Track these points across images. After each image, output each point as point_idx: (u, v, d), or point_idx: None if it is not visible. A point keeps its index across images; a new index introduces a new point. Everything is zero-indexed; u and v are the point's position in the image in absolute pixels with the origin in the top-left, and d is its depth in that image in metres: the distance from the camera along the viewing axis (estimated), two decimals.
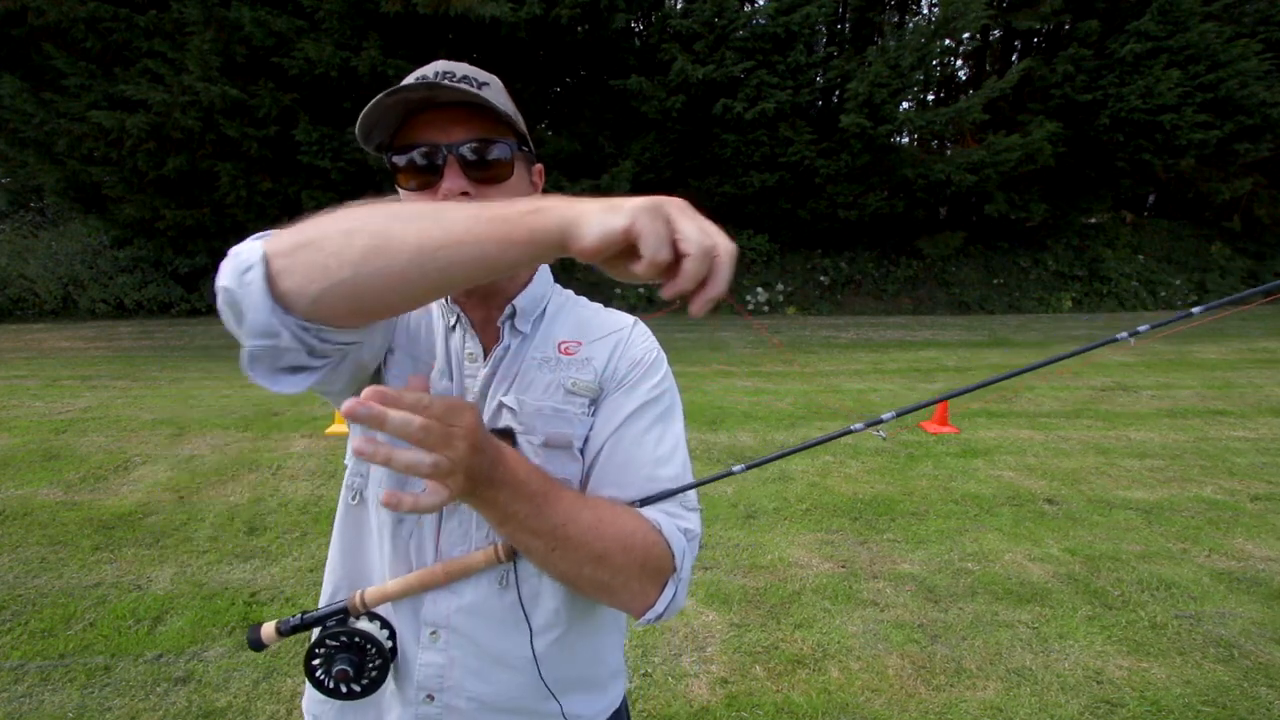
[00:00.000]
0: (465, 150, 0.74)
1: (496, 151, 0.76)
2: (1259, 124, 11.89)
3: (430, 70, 0.76)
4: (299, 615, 0.82)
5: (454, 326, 0.85)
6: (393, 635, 0.81)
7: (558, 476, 0.77)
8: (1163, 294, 13.10)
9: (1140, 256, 13.75)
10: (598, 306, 0.93)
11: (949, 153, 12.50)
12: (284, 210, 10.52)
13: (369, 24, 9.47)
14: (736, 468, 0.89)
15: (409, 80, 0.74)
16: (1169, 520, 3.66)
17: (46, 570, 3.04)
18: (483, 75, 0.78)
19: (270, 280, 0.56)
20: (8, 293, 10.74)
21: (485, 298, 0.84)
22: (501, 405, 0.80)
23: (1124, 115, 11.44)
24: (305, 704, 0.92)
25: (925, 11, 13.38)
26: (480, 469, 0.61)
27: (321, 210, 0.59)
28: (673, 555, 0.76)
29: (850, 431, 0.87)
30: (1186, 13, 11.19)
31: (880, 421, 0.84)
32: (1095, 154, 12.21)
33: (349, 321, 0.60)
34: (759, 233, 12.56)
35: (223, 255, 0.60)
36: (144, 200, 10.35)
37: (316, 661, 0.79)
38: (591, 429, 0.82)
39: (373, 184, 10.38)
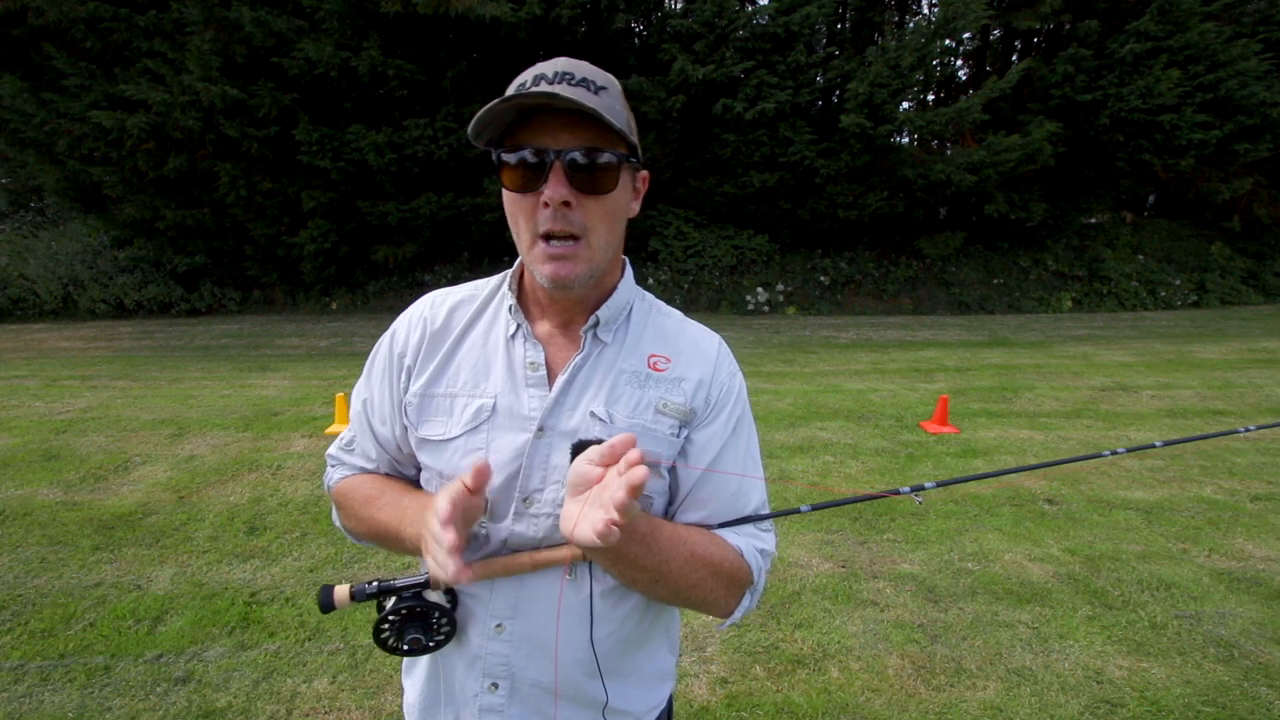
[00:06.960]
0: (573, 157, 0.75)
1: (603, 162, 0.76)
2: (1259, 124, 11.87)
3: (550, 69, 0.76)
4: (375, 582, 0.82)
5: (514, 335, 0.87)
6: (454, 599, 0.85)
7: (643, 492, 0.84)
8: (1163, 294, 13.08)
9: (1140, 256, 13.74)
10: (679, 316, 0.96)
11: (949, 153, 12.48)
12: (284, 210, 10.51)
13: (369, 24, 9.46)
14: (804, 507, 0.94)
15: (528, 76, 0.76)
16: (1169, 520, 3.66)
17: (46, 570, 3.04)
18: (601, 78, 0.78)
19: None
20: (8, 293, 10.73)
21: (565, 307, 0.86)
22: (593, 415, 0.82)
23: (1124, 115, 11.43)
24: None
25: (925, 11, 13.37)
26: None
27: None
28: (751, 572, 0.86)
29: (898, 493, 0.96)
30: (1186, 13, 11.17)
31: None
32: (1095, 154, 12.20)
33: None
34: (759, 233, 12.54)
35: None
36: (144, 200, 10.35)
37: (386, 631, 0.82)
38: (681, 452, 0.86)
39: (372, 185, 10.38)
